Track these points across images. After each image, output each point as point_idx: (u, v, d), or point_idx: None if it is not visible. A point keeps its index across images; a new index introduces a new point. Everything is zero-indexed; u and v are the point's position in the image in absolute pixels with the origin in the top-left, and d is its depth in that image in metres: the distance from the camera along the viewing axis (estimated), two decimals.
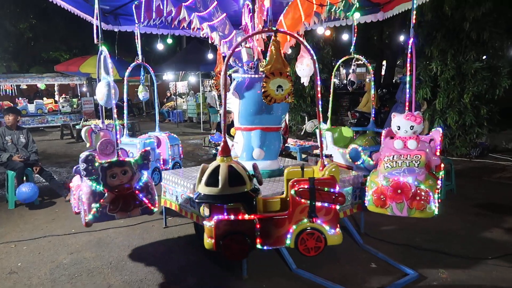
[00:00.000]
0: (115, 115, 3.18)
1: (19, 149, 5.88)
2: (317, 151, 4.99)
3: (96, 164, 3.00)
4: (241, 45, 3.94)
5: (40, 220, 5.03)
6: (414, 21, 3.47)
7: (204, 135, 12.55)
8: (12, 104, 13.19)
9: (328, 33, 5.59)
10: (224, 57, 4.87)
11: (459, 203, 5.35)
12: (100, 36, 3.37)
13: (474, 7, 7.36)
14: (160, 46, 6.06)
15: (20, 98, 14.97)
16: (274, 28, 2.79)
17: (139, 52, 4.89)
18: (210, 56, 11.18)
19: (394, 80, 17.96)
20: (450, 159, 6.68)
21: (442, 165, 3.44)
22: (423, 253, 3.84)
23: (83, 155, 3.00)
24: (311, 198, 2.55)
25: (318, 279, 3.30)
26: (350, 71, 5.89)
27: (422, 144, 3.28)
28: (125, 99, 5.11)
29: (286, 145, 5.44)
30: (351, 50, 4.59)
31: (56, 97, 16.97)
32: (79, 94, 17.71)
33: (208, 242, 2.63)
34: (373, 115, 4.66)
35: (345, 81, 25.76)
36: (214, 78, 4.78)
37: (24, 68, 18.69)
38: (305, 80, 4.61)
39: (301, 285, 3.28)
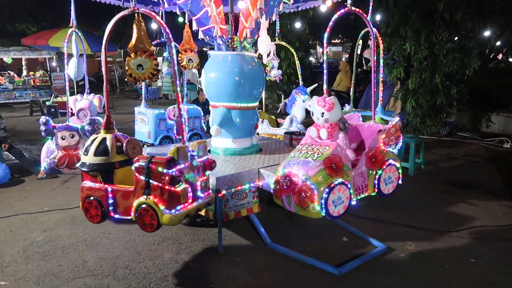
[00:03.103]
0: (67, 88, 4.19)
1: None
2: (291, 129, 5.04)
3: (51, 127, 3.84)
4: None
5: (11, 198, 4.92)
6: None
7: None
8: None
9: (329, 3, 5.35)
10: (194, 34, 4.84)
11: (427, 180, 5.57)
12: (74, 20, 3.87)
13: None
14: (154, 26, 6.32)
15: None
16: (137, 8, 2.73)
17: (164, 31, 5.16)
18: (154, 26, 11.04)
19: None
20: (421, 137, 6.90)
21: (393, 161, 3.22)
22: (391, 227, 4.01)
23: (42, 119, 3.83)
24: (146, 175, 2.62)
25: (292, 252, 3.41)
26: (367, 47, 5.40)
27: (336, 135, 2.99)
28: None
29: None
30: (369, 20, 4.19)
31: (24, 72, 16.30)
32: (48, 69, 17.05)
33: (80, 203, 2.94)
34: (381, 97, 4.11)
35: (321, 60, 25.80)
36: (178, 56, 4.79)
37: None
38: (264, 58, 4.51)
39: (275, 259, 3.38)
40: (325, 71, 3.05)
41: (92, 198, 2.83)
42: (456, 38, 8.13)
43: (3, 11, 17.31)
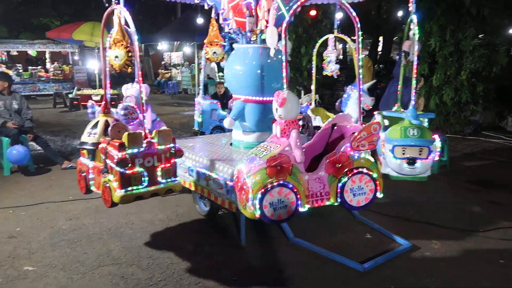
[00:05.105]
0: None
1: (12, 115, 5.78)
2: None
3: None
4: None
5: (36, 187, 5.03)
6: None
7: None
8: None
9: None
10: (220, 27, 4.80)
11: (452, 178, 5.45)
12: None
13: None
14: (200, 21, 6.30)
15: None
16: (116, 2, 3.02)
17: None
18: (200, 21, 11.08)
19: (390, 56, 17.87)
20: (446, 135, 6.74)
21: (365, 170, 2.93)
22: (416, 225, 3.94)
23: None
24: (105, 156, 2.93)
25: (315, 247, 3.38)
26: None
27: (291, 134, 2.78)
28: (196, 67, 5.88)
29: None
30: (411, 12, 3.70)
31: (48, 65, 16.63)
32: (71, 62, 17.34)
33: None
34: (413, 96, 3.69)
35: (342, 56, 25.44)
36: (204, 49, 4.79)
37: (13, 34, 18.14)
38: (271, 51, 4.23)
39: (298, 254, 3.36)
40: (284, 63, 2.83)
41: (82, 172, 3.31)
42: (482, 35, 7.92)
43: (29, 4, 17.68)
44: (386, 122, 4.04)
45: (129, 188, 2.87)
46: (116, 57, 3.06)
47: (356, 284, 2.95)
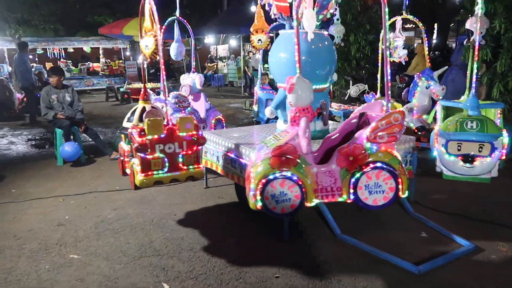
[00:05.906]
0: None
1: (65, 108, 5.98)
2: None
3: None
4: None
5: (86, 176, 5.18)
6: None
7: (244, 98, 12.42)
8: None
9: None
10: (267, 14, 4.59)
11: None
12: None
13: None
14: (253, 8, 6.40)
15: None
16: None
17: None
18: (253, 8, 11.13)
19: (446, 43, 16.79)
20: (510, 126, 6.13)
21: (385, 166, 2.67)
22: (478, 224, 3.56)
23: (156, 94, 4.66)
24: (130, 141, 3.19)
25: (363, 245, 3.13)
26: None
27: (300, 122, 2.62)
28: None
29: (329, 109, 5.20)
30: None
31: (101, 60, 17.34)
32: (123, 58, 17.97)
33: None
34: (473, 83, 3.31)
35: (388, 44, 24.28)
36: (250, 37, 4.64)
37: (70, 32, 19.08)
38: (309, 35, 3.89)
39: (345, 252, 3.13)
40: (296, 46, 2.73)
41: (120, 155, 3.56)
42: None
43: (84, 3, 18.50)
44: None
45: (149, 173, 3.02)
46: (146, 46, 3.12)
47: None
